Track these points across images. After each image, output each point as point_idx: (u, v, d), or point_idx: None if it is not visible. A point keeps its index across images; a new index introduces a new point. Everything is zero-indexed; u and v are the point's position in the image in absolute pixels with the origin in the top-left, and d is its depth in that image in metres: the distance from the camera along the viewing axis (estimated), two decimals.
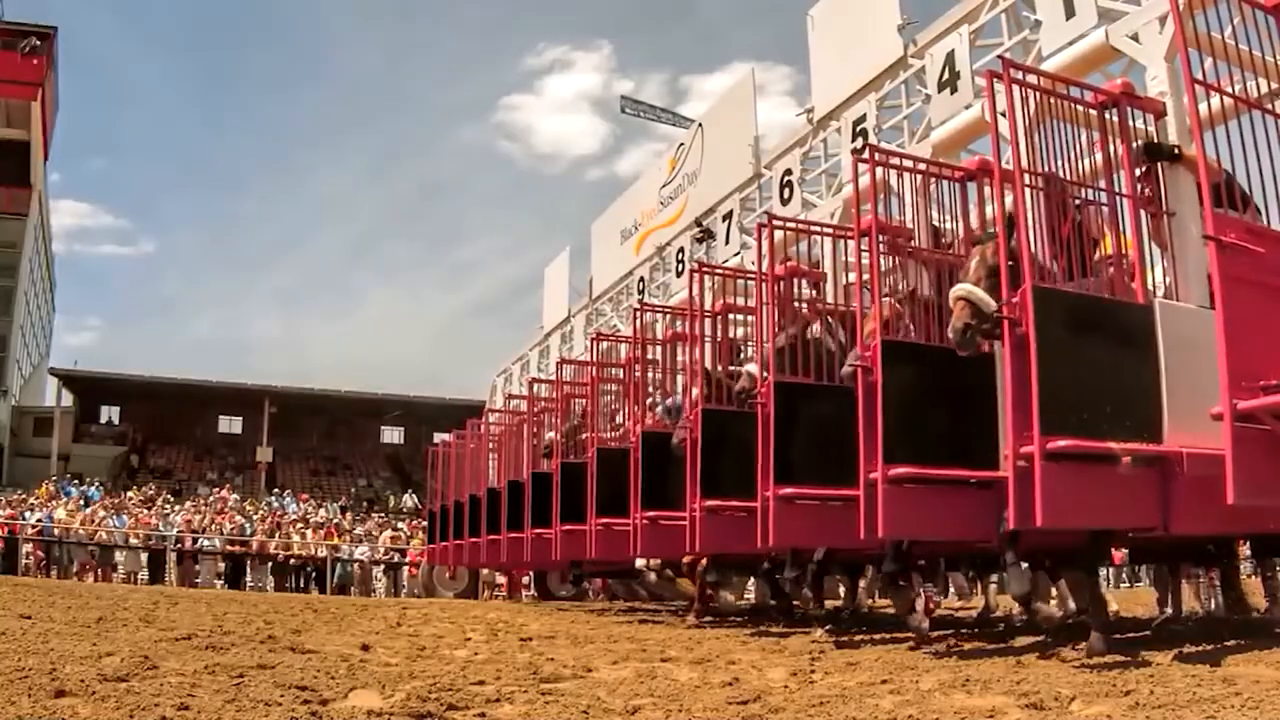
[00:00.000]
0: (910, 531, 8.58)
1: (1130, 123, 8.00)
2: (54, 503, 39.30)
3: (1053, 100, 7.76)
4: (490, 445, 24.11)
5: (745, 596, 23.04)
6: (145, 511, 38.76)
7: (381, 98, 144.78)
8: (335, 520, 43.85)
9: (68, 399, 62.75)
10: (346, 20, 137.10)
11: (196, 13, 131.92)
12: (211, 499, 47.30)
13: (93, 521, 33.57)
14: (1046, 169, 7.65)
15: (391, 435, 70.13)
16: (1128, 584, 29.25)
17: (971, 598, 20.91)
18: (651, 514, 13.65)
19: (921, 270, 10.02)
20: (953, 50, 13.15)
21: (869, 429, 8.14)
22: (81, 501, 40.96)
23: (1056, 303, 6.99)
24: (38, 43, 56.80)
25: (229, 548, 33.39)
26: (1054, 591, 11.18)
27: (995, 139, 8.22)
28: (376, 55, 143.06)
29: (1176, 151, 8.05)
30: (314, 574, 31.95)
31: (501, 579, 29.97)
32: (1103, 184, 7.87)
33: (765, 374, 10.88)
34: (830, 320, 11.78)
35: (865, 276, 9.54)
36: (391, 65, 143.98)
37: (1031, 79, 7.73)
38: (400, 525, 40.78)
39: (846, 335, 10.99)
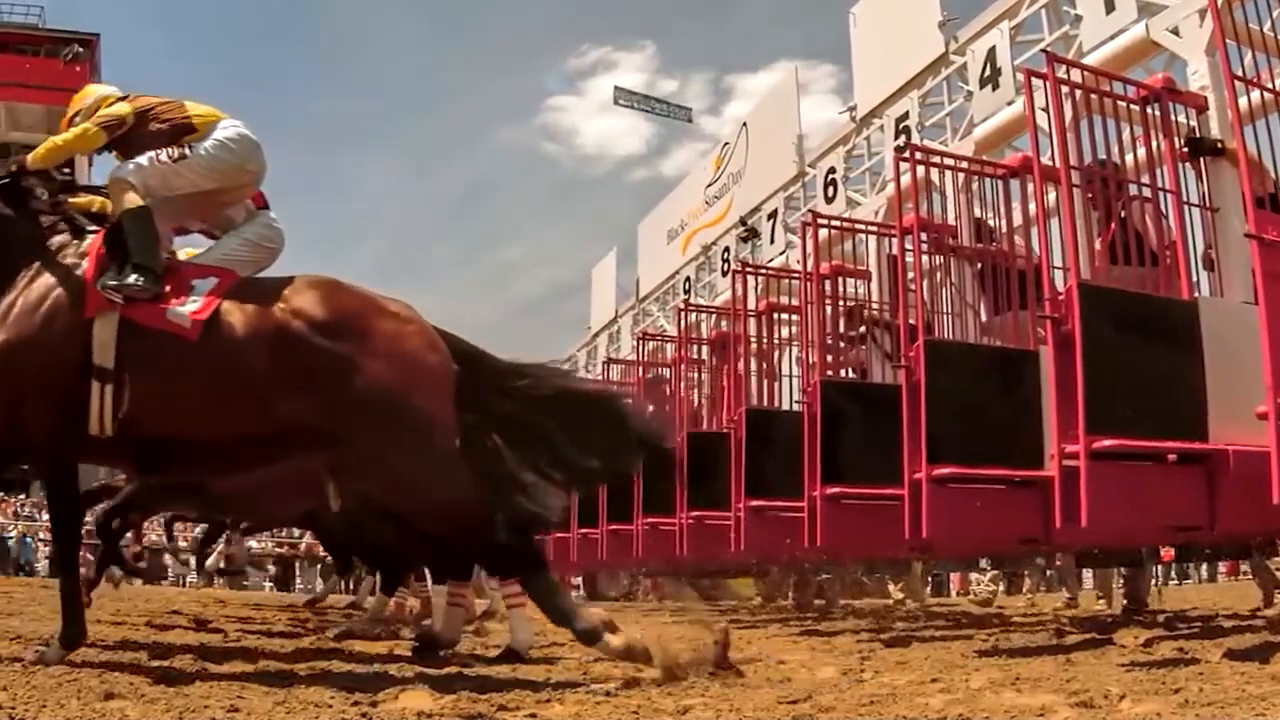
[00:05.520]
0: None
1: (1172, 117, 7.98)
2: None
3: (1093, 95, 7.76)
4: None
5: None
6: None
7: (423, 100, 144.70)
8: None
9: None
10: (388, 23, 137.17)
11: (236, 17, 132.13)
12: None
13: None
14: (1093, 161, 7.66)
15: None
16: (1176, 581, 29.04)
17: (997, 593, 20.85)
18: (697, 514, 13.71)
19: (965, 266, 10.05)
20: (994, 46, 13.12)
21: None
22: None
23: (1102, 300, 6.98)
24: (80, 50, 56.78)
25: (278, 549, 33.51)
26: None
27: (1034, 134, 8.22)
28: (418, 58, 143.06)
29: (1220, 146, 8.03)
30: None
31: None
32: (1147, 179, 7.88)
33: None
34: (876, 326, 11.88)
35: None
36: (433, 68, 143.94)
37: (1073, 74, 7.73)
38: None
39: (892, 340, 11.00)
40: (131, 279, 5.81)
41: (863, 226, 13.20)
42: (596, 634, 5.73)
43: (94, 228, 6.30)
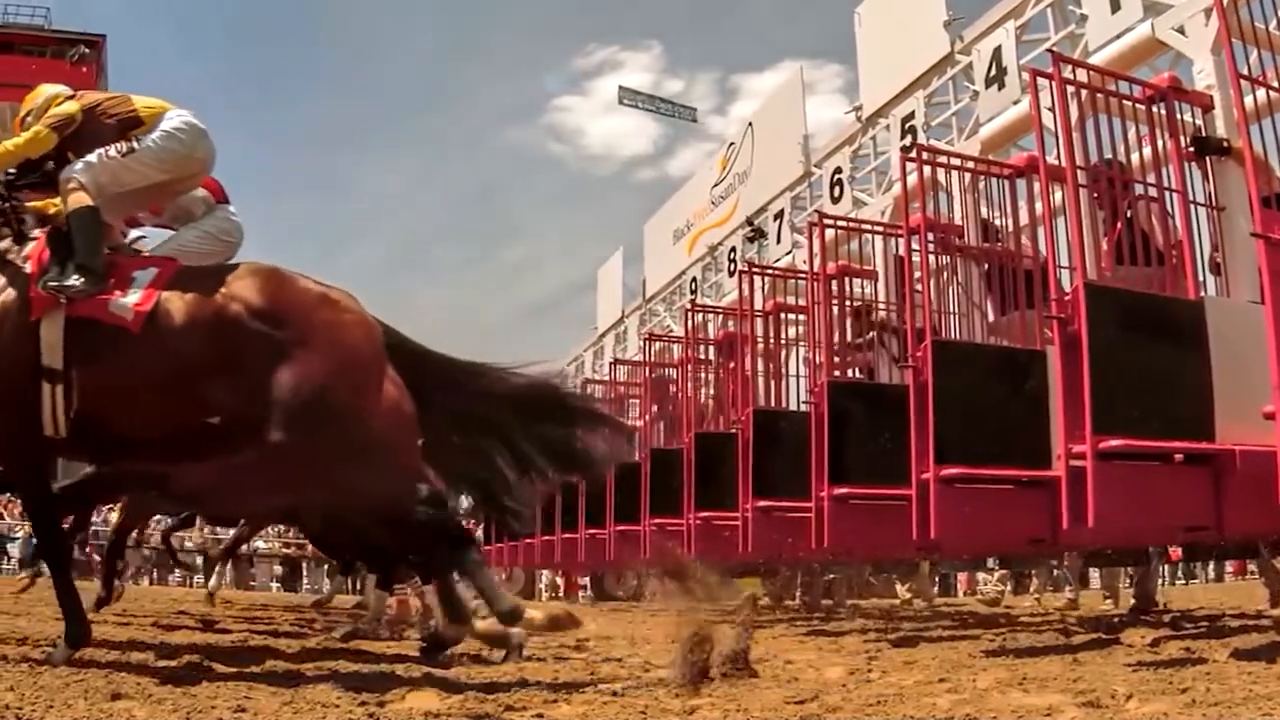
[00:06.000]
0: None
1: (1178, 117, 7.98)
2: (108, 506, 39.41)
3: (1099, 94, 7.77)
4: None
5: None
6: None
7: (429, 101, 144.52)
8: None
9: None
10: (394, 24, 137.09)
11: (244, 19, 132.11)
12: None
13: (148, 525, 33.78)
14: (1099, 161, 7.68)
15: None
16: (1183, 581, 29.04)
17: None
18: (705, 514, 13.71)
19: (971, 266, 10.06)
20: (999, 46, 13.12)
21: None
22: None
23: (1108, 300, 6.98)
24: (86, 50, 56.68)
25: (285, 550, 33.55)
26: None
27: (1040, 134, 8.21)
28: (424, 59, 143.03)
29: (1226, 145, 8.03)
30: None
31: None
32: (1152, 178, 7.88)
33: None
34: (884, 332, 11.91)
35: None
36: (438, 69, 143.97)
37: (1079, 74, 7.73)
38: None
39: (899, 344, 11.03)
40: (72, 280, 5.85)
41: (869, 227, 13.21)
42: (519, 613, 5.77)
43: (38, 231, 6.31)
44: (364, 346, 5.93)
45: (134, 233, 7.41)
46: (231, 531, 16.70)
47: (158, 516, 18.21)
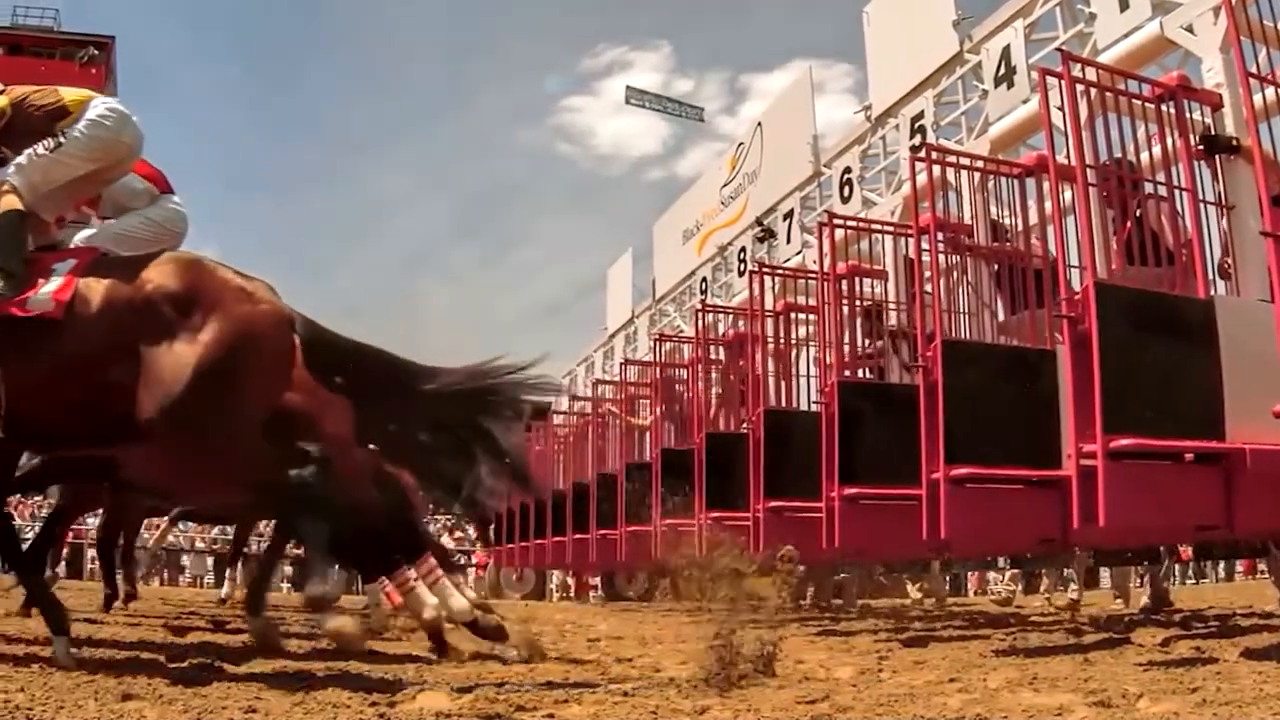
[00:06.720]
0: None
1: (1187, 115, 7.97)
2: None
3: (1108, 93, 7.76)
4: (556, 447, 24.24)
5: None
6: None
7: (438, 102, 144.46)
8: None
9: None
10: (404, 26, 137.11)
11: (252, 20, 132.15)
12: None
13: (157, 526, 33.81)
14: (1109, 160, 7.67)
15: None
16: (1194, 580, 29.01)
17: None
18: (716, 515, 13.70)
19: (981, 266, 10.05)
20: (1008, 45, 13.12)
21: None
22: None
23: (1118, 299, 6.98)
24: (95, 52, 56.66)
25: (295, 550, 33.56)
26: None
27: (1049, 133, 8.22)
28: (432, 60, 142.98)
29: (1235, 144, 8.02)
30: None
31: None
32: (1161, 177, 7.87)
33: None
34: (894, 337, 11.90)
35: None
36: (448, 69, 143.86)
37: (1088, 72, 7.73)
38: (467, 527, 40.58)
39: (909, 349, 11.03)
40: None
41: (879, 226, 13.20)
42: (324, 603, 5.83)
43: None
44: (271, 336, 5.91)
45: (85, 232, 7.47)
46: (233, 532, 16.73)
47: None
